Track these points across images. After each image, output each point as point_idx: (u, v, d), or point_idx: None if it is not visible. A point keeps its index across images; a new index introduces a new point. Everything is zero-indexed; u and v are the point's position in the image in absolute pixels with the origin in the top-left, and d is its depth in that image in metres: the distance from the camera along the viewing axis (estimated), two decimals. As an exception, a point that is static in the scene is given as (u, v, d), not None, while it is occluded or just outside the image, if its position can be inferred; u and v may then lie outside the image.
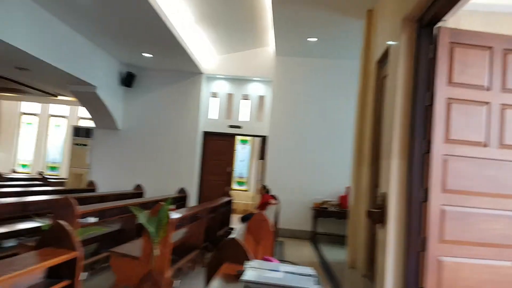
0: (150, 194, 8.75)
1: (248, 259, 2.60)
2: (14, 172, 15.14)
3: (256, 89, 10.31)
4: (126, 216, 6.08)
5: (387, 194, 4.08)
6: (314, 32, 8.03)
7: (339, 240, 8.53)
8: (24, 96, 13.64)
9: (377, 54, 5.78)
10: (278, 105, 9.62)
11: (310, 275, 2.16)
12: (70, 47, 7.64)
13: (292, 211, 9.14)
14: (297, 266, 2.37)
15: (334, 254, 7.53)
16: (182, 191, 8.75)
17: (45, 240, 2.86)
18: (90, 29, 7.60)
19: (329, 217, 8.86)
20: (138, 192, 8.58)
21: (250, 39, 9.48)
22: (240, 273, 2.29)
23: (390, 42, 4.69)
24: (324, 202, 9.02)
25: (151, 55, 8.93)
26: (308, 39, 8.39)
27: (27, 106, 16.13)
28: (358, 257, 6.03)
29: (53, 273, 2.72)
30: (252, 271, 2.15)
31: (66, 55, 7.48)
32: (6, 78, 9.66)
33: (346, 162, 8.03)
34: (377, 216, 4.22)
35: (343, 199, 8.86)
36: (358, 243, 6.10)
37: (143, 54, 8.88)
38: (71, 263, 2.76)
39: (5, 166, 14.96)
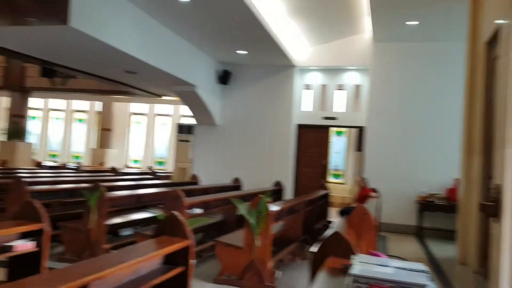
0: (247, 187, 9.00)
1: (353, 253, 2.55)
2: (127, 167, 16.63)
3: (352, 78, 10.05)
4: (227, 207, 6.35)
5: (501, 185, 3.73)
6: (414, 14, 7.58)
7: (447, 235, 8.01)
8: (133, 97, 14.88)
9: (485, 34, 5.29)
10: (376, 94, 9.26)
11: (422, 271, 2.05)
12: (173, 49, 8.16)
13: (394, 205, 8.76)
14: (407, 261, 2.27)
15: (442, 250, 7.12)
16: (278, 184, 8.87)
17: (160, 229, 3.11)
18: (189, 31, 8.03)
19: (436, 211, 8.35)
20: (236, 185, 8.88)
21: (344, 27, 9.26)
22: (346, 267, 2.25)
23: (500, 21, 4.25)
24: (430, 195, 8.52)
25: (245, 52, 9.17)
26: (408, 22, 7.95)
27: (136, 106, 17.64)
28: (469, 252, 5.62)
29: (169, 260, 2.95)
30: (360, 265, 2.11)
31: (169, 58, 8.00)
32: (117, 82, 10.62)
33: (454, 151, 7.48)
34: (491, 209, 3.89)
35: (452, 191, 8.28)
36: (469, 238, 5.69)
37: (238, 51, 9.14)
38: (184, 250, 2.96)
39: (119, 162, 16.49)
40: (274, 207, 4.81)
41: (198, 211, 5.63)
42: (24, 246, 3.00)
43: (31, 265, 3.14)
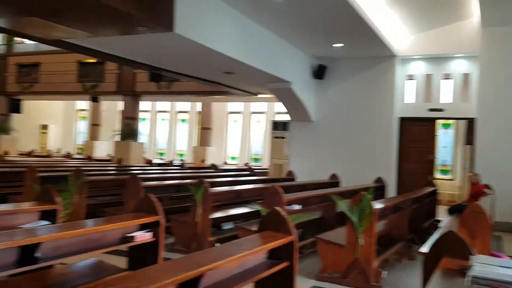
0: (345, 183, 8.81)
1: (470, 254, 2.37)
2: (225, 164, 17.30)
3: (459, 66, 9.30)
4: (325, 204, 6.28)
5: None
6: (533, -9, 6.78)
7: None
8: (230, 97, 15.41)
9: None
10: (487, 82, 8.47)
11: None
12: (268, 48, 8.28)
13: (509, 202, 7.94)
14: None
15: None
16: (379, 180, 8.54)
17: (263, 225, 3.17)
18: (284, 29, 8.08)
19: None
20: (334, 181, 8.74)
21: (449, 13, 8.60)
22: (464, 268, 2.11)
23: None
24: (553, 193, 7.59)
25: (341, 45, 8.96)
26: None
27: (232, 106, 18.30)
28: None
29: (273, 255, 3.00)
30: (480, 266, 1.95)
31: (265, 56, 8.14)
32: (216, 83, 11.07)
33: None
34: None
35: None
36: None
37: (334, 45, 8.98)
38: (288, 246, 2.98)
39: (218, 159, 17.22)
40: (378, 205, 4.65)
41: (297, 207, 5.65)
42: (143, 236, 3.27)
43: (148, 255, 3.40)
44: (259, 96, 14.57)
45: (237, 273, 2.60)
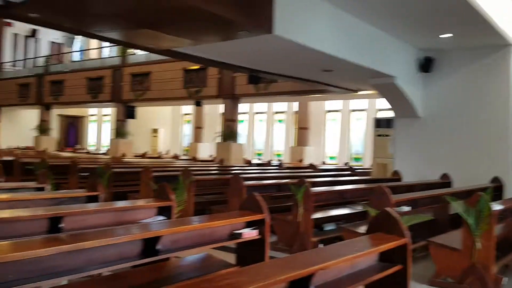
0: (457, 184, 8.15)
1: None
2: (324, 163, 17.12)
3: None
4: (437, 206, 5.90)
5: None
6: None
7: None
8: (328, 95, 15.22)
9: None
10: None
11: None
12: (369, 42, 7.98)
13: None
14: None
15: None
16: (496, 180, 7.81)
17: (373, 226, 3.06)
18: (384, 21, 7.72)
19: None
20: (445, 181, 8.19)
21: None
22: None
23: None
24: None
25: (450, 35, 8.32)
26: None
27: (330, 104, 18.05)
28: None
29: (384, 257, 2.87)
30: None
31: (365, 51, 7.86)
32: (314, 81, 11.00)
33: None
34: None
35: None
36: None
37: (441, 35, 8.36)
38: (401, 249, 2.84)
39: (316, 159, 17.11)
40: (497, 206, 4.24)
41: (406, 209, 5.37)
42: (250, 234, 3.36)
43: (254, 252, 3.49)
44: (359, 93, 14.15)
45: (348, 275, 2.54)
